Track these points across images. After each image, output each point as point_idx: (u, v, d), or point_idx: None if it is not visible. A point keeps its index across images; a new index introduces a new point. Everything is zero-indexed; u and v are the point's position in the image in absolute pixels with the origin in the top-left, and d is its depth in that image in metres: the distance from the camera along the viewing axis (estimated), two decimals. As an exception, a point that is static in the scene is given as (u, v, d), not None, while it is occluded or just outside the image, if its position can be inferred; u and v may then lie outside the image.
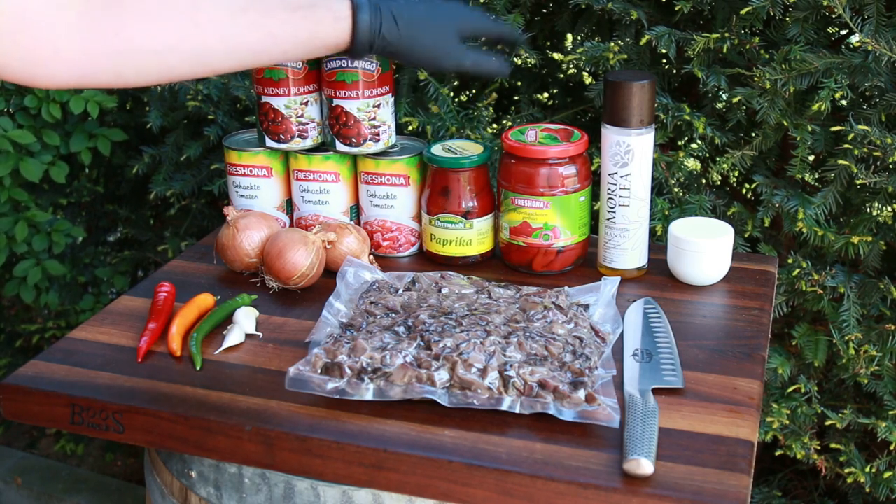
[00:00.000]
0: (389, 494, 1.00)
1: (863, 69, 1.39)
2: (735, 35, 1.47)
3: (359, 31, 1.09)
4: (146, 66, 1.00)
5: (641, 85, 1.20)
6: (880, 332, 1.48)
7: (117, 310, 1.24)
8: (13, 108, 1.92)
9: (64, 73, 0.96)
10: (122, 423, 1.04)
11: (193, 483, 1.11)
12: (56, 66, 0.95)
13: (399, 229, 1.37)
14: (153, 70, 1.01)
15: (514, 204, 1.28)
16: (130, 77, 1.01)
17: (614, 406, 0.96)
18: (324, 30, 1.08)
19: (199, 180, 1.87)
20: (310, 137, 1.36)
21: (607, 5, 1.52)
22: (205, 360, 1.11)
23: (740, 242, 1.48)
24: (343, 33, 1.09)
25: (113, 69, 0.99)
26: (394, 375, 1.00)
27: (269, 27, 1.05)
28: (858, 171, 1.40)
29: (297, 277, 1.25)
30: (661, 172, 1.52)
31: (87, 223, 2.32)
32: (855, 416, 1.51)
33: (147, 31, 0.98)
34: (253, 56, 1.07)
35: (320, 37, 1.09)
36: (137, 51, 0.99)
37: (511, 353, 1.02)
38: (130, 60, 0.99)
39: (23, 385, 1.08)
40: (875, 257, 1.49)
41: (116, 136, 1.98)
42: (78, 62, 0.96)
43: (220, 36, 1.03)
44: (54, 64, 0.95)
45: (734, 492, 0.88)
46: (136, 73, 1.01)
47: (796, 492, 1.80)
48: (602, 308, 1.16)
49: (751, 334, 1.15)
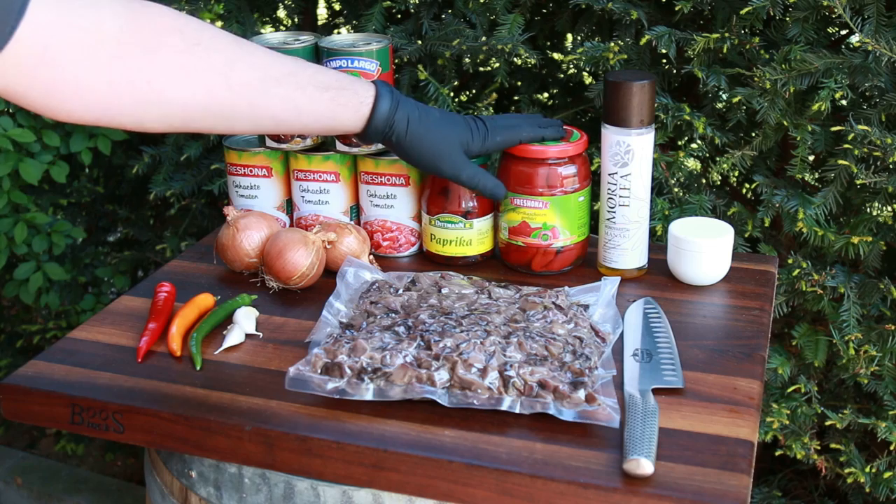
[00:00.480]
0: (389, 494, 1.00)
1: (863, 69, 1.39)
2: (735, 35, 1.48)
3: (375, 119, 1.14)
4: (169, 116, 1.00)
5: (641, 85, 1.20)
6: (880, 332, 1.48)
7: (117, 310, 1.24)
8: (13, 107, 1.92)
9: (83, 110, 0.94)
10: (122, 423, 1.04)
11: (193, 483, 1.11)
12: (75, 103, 0.93)
13: (399, 229, 1.37)
14: (174, 121, 1.01)
15: (513, 204, 1.28)
16: (150, 124, 1.01)
17: (614, 406, 0.96)
18: (345, 113, 1.12)
19: (199, 180, 1.87)
20: (310, 137, 1.36)
21: (607, 5, 1.52)
22: (205, 360, 1.11)
23: (740, 242, 1.48)
24: (361, 119, 1.14)
25: (134, 116, 0.98)
26: (394, 375, 1.00)
27: (297, 102, 1.07)
28: (858, 171, 1.40)
29: (297, 277, 1.25)
30: (661, 172, 1.52)
31: (87, 223, 2.32)
32: (855, 416, 1.51)
33: (178, 85, 0.98)
34: (274, 124, 1.09)
35: (340, 118, 1.13)
36: (165, 103, 0.98)
37: (511, 353, 1.02)
38: (156, 111, 0.98)
39: (23, 385, 1.08)
40: (875, 257, 1.49)
41: (117, 135, 1.98)
42: (100, 103, 0.94)
43: (248, 102, 1.04)
44: (74, 100, 0.93)
45: (734, 492, 0.88)
46: (157, 121, 1.00)
47: (796, 492, 1.80)
48: (602, 308, 1.16)
49: (751, 334, 1.15)
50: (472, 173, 1.21)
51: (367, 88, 1.14)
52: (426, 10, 1.69)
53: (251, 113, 1.05)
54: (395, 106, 1.15)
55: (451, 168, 1.20)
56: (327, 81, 1.10)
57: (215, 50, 1.01)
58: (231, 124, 1.06)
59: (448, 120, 1.20)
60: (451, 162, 1.19)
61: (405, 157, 1.20)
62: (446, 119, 1.20)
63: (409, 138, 1.16)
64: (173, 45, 0.97)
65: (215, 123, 1.05)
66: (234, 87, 1.02)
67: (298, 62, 1.10)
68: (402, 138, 1.16)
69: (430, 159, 1.19)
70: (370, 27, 1.66)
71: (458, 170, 1.20)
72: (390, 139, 1.17)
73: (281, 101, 1.06)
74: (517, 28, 1.58)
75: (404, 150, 1.18)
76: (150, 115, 0.98)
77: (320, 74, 1.11)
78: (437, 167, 1.20)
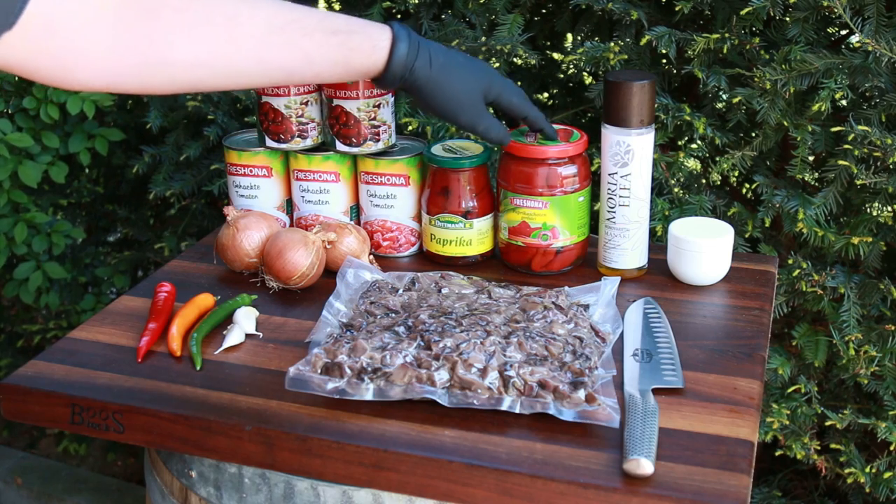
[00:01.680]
0: (389, 494, 1.00)
1: (863, 69, 1.39)
2: (735, 35, 1.48)
3: (393, 63, 1.08)
4: (176, 77, 0.99)
5: (641, 85, 1.20)
6: (880, 332, 1.48)
7: (117, 310, 1.24)
8: (12, 108, 1.92)
9: (91, 78, 0.94)
10: (122, 423, 1.04)
11: (193, 483, 1.11)
12: (84, 71, 0.94)
13: (399, 229, 1.37)
14: (182, 82, 1.00)
15: (512, 204, 1.28)
16: (158, 87, 1.00)
17: (614, 406, 0.96)
18: (359, 57, 1.07)
19: (199, 180, 1.87)
20: (310, 137, 1.36)
21: (607, 5, 1.52)
22: (205, 360, 1.11)
23: (740, 242, 1.48)
24: (378, 63, 1.08)
25: (141, 78, 0.97)
26: (394, 375, 1.00)
27: (305, 49, 1.03)
28: (859, 171, 1.40)
29: (297, 277, 1.25)
30: (661, 172, 1.52)
31: (87, 223, 2.32)
32: (855, 416, 1.51)
33: (181, 44, 0.96)
34: (285, 75, 1.05)
35: (354, 63, 1.07)
36: (169, 63, 0.97)
37: (511, 353, 1.02)
38: (161, 72, 0.97)
39: (23, 385, 1.08)
40: (875, 258, 1.49)
41: (114, 136, 1.98)
42: (107, 69, 0.94)
43: (254, 53, 1.00)
44: (82, 68, 0.93)
45: (734, 492, 0.88)
46: (164, 83, 0.99)
47: (796, 492, 1.80)
48: (602, 308, 1.16)
49: (751, 334, 1.15)
50: (487, 125, 1.17)
51: (383, 31, 1.08)
52: (426, 10, 1.69)
53: (259, 66, 1.02)
54: (414, 49, 1.09)
55: (469, 118, 1.15)
56: (336, 25, 1.05)
57: (215, 5, 0.98)
58: (240, 80, 1.03)
59: (472, 66, 1.15)
60: (471, 112, 1.15)
61: (424, 104, 1.14)
62: (470, 64, 1.15)
63: (430, 85, 1.11)
64: (172, 5, 0.95)
65: (224, 81, 1.02)
66: (237, 40, 0.99)
67: (305, 9, 1.05)
68: (423, 84, 1.11)
69: (450, 108, 1.14)
70: (370, 27, 1.65)
71: (476, 121, 1.16)
72: (410, 85, 1.11)
73: (287, 50, 1.02)
74: (517, 28, 1.58)
75: (424, 97, 1.13)
76: (156, 77, 0.98)
77: (329, 19, 1.05)
78: (455, 117, 1.15)
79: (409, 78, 1.10)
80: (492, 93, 1.16)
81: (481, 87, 1.15)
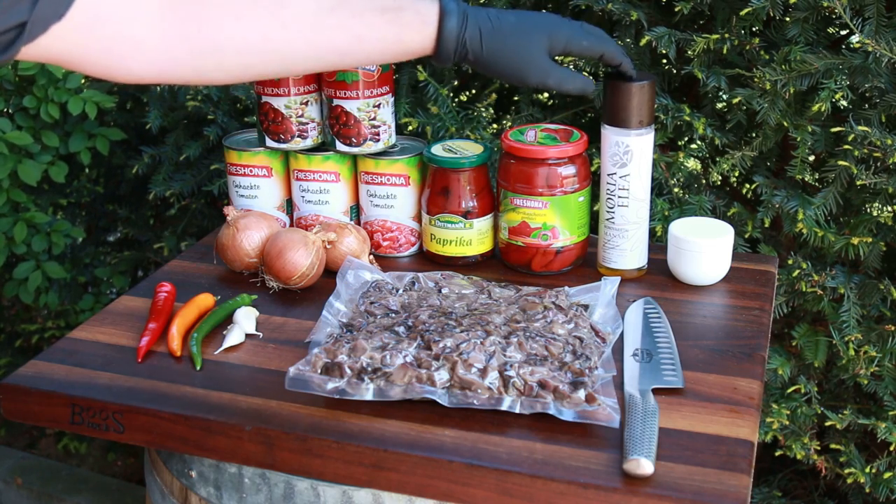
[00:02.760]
0: (389, 494, 1.00)
1: (863, 70, 1.39)
2: (735, 36, 1.48)
3: (444, 38, 1.05)
4: (228, 64, 0.98)
5: (641, 85, 1.20)
6: (880, 332, 1.48)
7: (117, 310, 1.24)
8: (13, 108, 1.92)
9: (143, 68, 0.94)
10: (122, 423, 1.04)
11: (193, 483, 1.11)
12: (135, 62, 0.93)
13: (399, 229, 1.37)
14: (235, 69, 0.99)
15: (512, 204, 1.28)
16: (212, 75, 0.99)
17: (614, 406, 0.96)
18: (409, 34, 1.05)
19: (199, 180, 1.87)
20: (310, 137, 1.36)
21: (607, 6, 1.52)
22: (205, 360, 1.11)
23: (740, 243, 1.48)
24: (429, 39, 1.05)
25: (194, 66, 0.96)
26: (394, 375, 1.00)
27: (355, 29, 1.01)
28: (858, 171, 1.40)
29: (297, 277, 1.25)
30: (660, 173, 1.52)
31: (87, 223, 2.32)
32: (855, 416, 1.51)
33: (230, 28, 0.95)
34: (338, 57, 1.03)
35: (405, 41, 1.05)
36: (219, 49, 0.96)
37: (511, 353, 1.02)
38: (212, 58, 0.96)
39: (23, 385, 1.08)
40: (875, 258, 1.49)
41: (114, 135, 1.98)
42: (158, 59, 0.94)
43: (304, 36, 0.99)
44: (134, 59, 0.93)
45: (734, 492, 0.88)
46: (217, 71, 0.98)
47: (796, 492, 1.80)
48: (602, 308, 1.16)
49: (751, 334, 1.15)
50: (559, 77, 1.11)
51: (430, 6, 1.05)
52: (426, 10, 1.69)
53: (309, 49, 1.00)
54: (462, 21, 1.05)
55: (538, 77, 1.10)
56: (384, 3, 1.02)
57: None
58: (291, 65, 1.02)
59: (527, 23, 1.10)
60: (537, 70, 1.09)
61: (487, 72, 1.10)
62: (524, 23, 1.10)
63: (485, 54, 1.07)
64: None
65: (276, 66, 1.01)
66: (287, 23, 0.97)
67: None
68: (480, 55, 1.07)
69: (514, 73, 1.09)
70: (370, 27, 1.65)
71: (545, 76, 1.10)
72: (466, 58, 1.08)
73: (338, 31, 1.00)
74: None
75: (484, 66, 1.09)
76: (207, 64, 0.96)
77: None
78: (523, 79, 1.10)
79: (462, 51, 1.07)
80: (558, 44, 1.10)
81: (543, 42, 1.09)
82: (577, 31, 1.13)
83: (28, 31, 0.83)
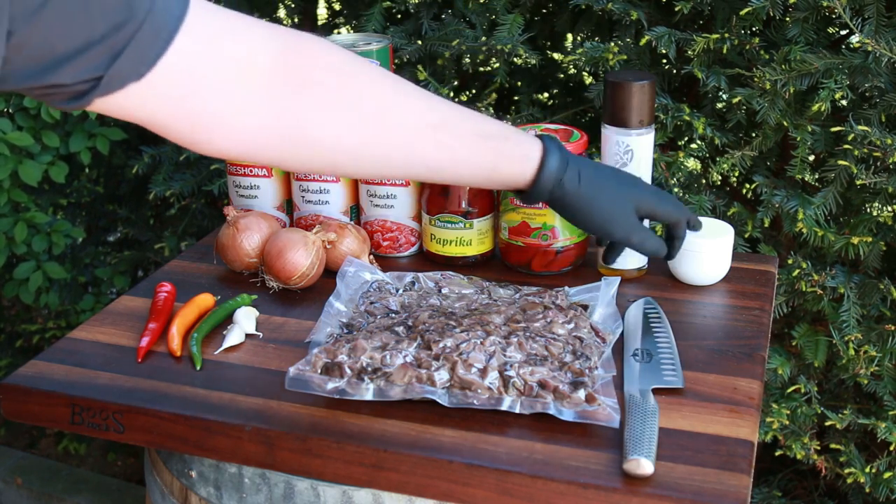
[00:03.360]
0: (389, 494, 1.00)
1: (863, 69, 1.39)
2: (735, 35, 1.48)
3: (543, 176, 1.04)
4: (316, 158, 0.94)
5: (641, 85, 1.20)
6: (880, 332, 1.48)
7: (117, 310, 1.24)
8: (13, 108, 1.92)
9: (228, 145, 0.89)
10: (122, 423, 1.04)
11: (193, 483, 1.11)
12: (222, 138, 0.88)
13: (399, 229, 1.37)
14: (321, 163, 0.96)
15: (512, 204, 1.28)
16: (296, 163, 0.96)
17: (614, 406, 0.96)
18: (508, 166, 1.03)
19: (199, 180, 1.87)
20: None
21: (607, 6, 1.52)
22: (205, 360, 1.11)
23: (740, 242, 1.48)
24: (527, 174, 1.04)
25: (281, 152, 0.92)
26: (394, 375, 1.00)
27: (455, 150, 0.99)
28: (858, 171, 1.40)
29: (297, 277, 1.25)
30: (660, 173, 1.52)
31: (87, 223, 2.33)
32: (855, 416, 1.51)
33: (330, 126, 0.92)
34: (427, 172, 1.01)
35: (501, 171, 1.04)
36: (313, 143, 0.93)
37: (511, 353, 1.02)
38: (304, 151, 0.93)
39: (23, 385, 1.08)
40: (875, 258, 1.49)
41: (115, 135, 1.98)
42: (247, 140, 0.89)
43: (402, 149, 0.97)
44: (220, 135, 0.88)
45: (734, 492, 0.88)
46: (303, 161, 0.95)
47: (796, 492, 1.80)
48: (602, 308, 1.16)
49: (751, 334, 1.15)
50: (642, 237, 1.11)
51: (532, 142, 1.04)
52: (426, 10, 1.69)
53: (403, 161, 0.98)
54: (564, 163, 1.04)
55: (623, 232, 1.10)
56: (490, 130, 1.02)
57: (370, 90, 0.94)
58: (380, 169, 1.01)
59: (621, 178, 1.11)
60: (624, 226, 1.10)
61: (570, 216, 1.09)
62: (619, 177, 1.11)
63: (579, 200, 1.06)
64: (326, 84, 0.91)
65: (365, 170, 0.99)
66: (389, 133, 0.95)
67: (459, 108, 1.01)
68: (572, 199, 1.06)
69: (600, 221, 1.09)
70: (370, 27, 1.66)
71: (630, 234, 1.10)
72: (558, 199, 1.07)
73: (437, 150, 0.98)
74: (517, 28, 1.58)
75: (573, 212, 1.08)
76: (297, 155, 0.93)
77: (483, 123, 1.02)
78: (609, 231, 1.10)
79: (557, 192, 1.06)
80: (644, 206, 1.11)
81: (632, 201, 1.10)
82: (662, 195, 1.14)
83: (103, 85, 0.78)
